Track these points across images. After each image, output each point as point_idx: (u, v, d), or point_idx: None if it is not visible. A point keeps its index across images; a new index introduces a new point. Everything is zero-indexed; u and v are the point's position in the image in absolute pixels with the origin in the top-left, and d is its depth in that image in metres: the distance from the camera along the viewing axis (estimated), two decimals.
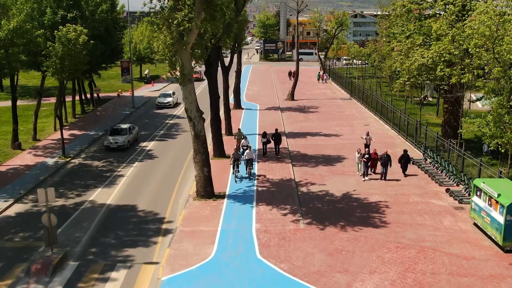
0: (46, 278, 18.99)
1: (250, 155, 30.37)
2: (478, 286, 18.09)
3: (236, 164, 29.97)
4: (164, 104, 56.43)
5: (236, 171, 29.97)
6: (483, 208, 22.13)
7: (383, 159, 29.73)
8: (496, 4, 17.07)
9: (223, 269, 19.38)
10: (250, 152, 30.48)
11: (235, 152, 30.35)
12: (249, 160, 30.29)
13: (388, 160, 29.74)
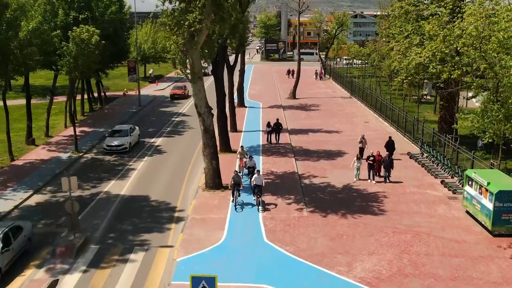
0: (70, 259, 20.62)
1: (258, 180, 25.74)
2: (468, 266, 19.71)
3: (237, 189, 25.72)
4: None
5: (237, 197, 25.89)
6: (474, 196, 23.76)
7: (386, 161, 30.02)
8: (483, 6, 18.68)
9: (233, 251, 20.99)
10: (259, 178, 25.83)
11: (235, 175, 26.11)
12: (257, 186, 25.73)
13: (391, 162, 30.04)
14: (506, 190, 21.91)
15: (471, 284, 18.37)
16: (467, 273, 19.19)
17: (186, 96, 62.54)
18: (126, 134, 37.78)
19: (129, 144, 37.31)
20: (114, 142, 36.92)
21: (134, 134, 39.00)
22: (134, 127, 40.21)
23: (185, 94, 63.07)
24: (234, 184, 25.75)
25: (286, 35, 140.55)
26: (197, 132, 42.41)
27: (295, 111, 54.04)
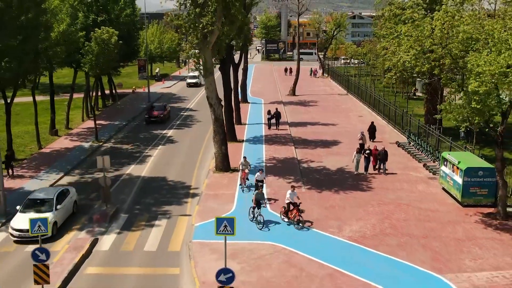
0: (105, 224, 24.53)
1: (293, 196, 24.62)
2: (438, 228, 23.64)
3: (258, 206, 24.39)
4: None
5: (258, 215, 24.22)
6: (448, 174, 27.69)
7: (381, 154, 32.13)
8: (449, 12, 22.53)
9: (241, 218, 24.81)
10: (294, 193, 24.71)
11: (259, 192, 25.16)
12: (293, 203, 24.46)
13: (386, 155, 32.54)
14: (473, 167, 25.85)
15: (439, 241, 22.28)
16: (437, 233, 23.12)
17: (164, 119, 48.57)
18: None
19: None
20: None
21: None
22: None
23: (164, 116, 48.74)
24: (256, 201, 24.38)
25: (286, 36, 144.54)
26: (204, 124, 46.72)
27: (294, 106, 57.97)
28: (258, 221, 23.96)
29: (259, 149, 38.21)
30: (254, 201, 24.43)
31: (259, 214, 24.06)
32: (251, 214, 24.64)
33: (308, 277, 19.33)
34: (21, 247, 22.27)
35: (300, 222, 23.92)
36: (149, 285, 19.17)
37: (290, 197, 24.58)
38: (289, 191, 24.73)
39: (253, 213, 24.52)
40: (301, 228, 23.64)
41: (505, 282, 18.76)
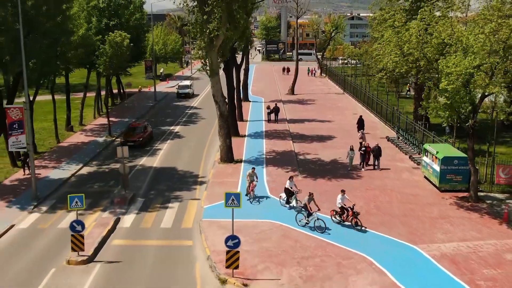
0: (125, 206, 27.91)
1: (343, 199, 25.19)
2: (417, 209, 27.04)
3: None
4: None
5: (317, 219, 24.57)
6: (428, 163, 31.09)
7: (375, 150, 34.33)
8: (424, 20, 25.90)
9: (245, 201, 28.18)
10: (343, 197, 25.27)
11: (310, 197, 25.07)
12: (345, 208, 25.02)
13: (379, 152, 35.00)
14: (449, 156, 29.28)
15: (417, 219, 25.67)
16: (416, 213, 26.52)
17: (144, 143, 41.30)
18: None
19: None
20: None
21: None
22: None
23: (144, 140, 41.45)
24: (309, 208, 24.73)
25: (286, 37, 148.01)
26: (209, 121, 50.16)
27: (293, 104, 61.39)
28: (316, 227, 24.27)
29: (260, 143, 41.62)
30: (308, 207, 24.51)
31: (317, 219, 24.35)
32: (303, 221, 24.77)
33: (302, 247, 22.73)
34: (54, 224, 25.70)
35: (357, 224, 24.35)
36: (167, 254, 22.54)
37: (341, 201, 24.98)
38: (340, 196, 25.17)
39: (307, 219, 24.76)
40: (360, 229, 24.12)
41: (467, 250, 22.17)
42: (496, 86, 23.72)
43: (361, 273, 20.43)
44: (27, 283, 19.91)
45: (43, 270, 20.90)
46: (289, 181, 27.56)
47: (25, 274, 20.69)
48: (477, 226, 24.88)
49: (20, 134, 28.45)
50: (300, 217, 25.03)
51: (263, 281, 19.87)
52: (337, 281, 19.86)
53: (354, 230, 24.42)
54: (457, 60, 23.34)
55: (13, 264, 21.56)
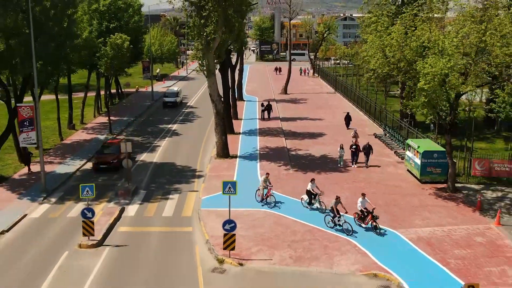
0: (129, 197, 30.04)
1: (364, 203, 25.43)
2: (399, 199, 29.32)
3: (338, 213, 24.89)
4: None
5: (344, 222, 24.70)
6: (411, 157, 33.40)
7: (366, 148, 35.94)
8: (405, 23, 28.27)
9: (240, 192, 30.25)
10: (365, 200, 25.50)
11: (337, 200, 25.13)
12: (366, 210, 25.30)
13: (370, 149, 36.90)
14: (429, 150, 31.58)
15: (398, 208, 27.92)
16: (398, 202, 28.81)
17: (118, 165, 35.11)
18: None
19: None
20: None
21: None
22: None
23: (119, 162, 35.12)
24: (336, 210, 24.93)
25: (279, 37, 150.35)
26: (204, 120, 52.38)
27: (286, 103, 63.65)
28: (345, 229, 24.53)
29: (254, 140, 43.84)
30: (335, 209, 24.86)
31: (344, 222, 24.63)
32: (331, 223, 25.13)
33: (292, 232, 24.96)
34: (64, 214, 27.82)
35: (376, 228, 24.69)
36: (169, 238, 24.71)
37: (361, 204, 25.28)
38: (360, 199, 25.42)
39: (333, 221, 24.95)
40: (379, 233, 24.45)
41: (442, 234, 24.46)
42: (468, 85, 26.02)
43: (345, 254, 22.67)
44: (43, 264, 22.01)
45: (57, 253, 23.03)
46: (310, 183, 27.97)
47: (41, 256, 22.81)
48: (453, 213, 27.19)
49: (31, 130, 30.56)
50: (328, 219, 25.45)
51: (257, 261, 22.08)
52: (323, 261, 22.10)
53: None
54: (433, 62, 25.63)
55: (29, 248, 23.67)
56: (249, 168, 35.41)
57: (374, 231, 24.72)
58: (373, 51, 29.27)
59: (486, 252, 22.62)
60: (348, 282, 20.48)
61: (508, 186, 31.11)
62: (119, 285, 20.41)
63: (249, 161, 37.33)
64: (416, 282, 20.03)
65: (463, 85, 25.99)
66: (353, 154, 36.33)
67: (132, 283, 20.48)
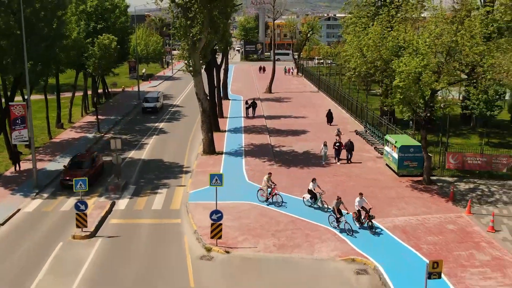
0: (119, 192, 31.18)
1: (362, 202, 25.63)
2: (377, 191, 30.86)
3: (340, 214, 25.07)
4: None
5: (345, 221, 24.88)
6: (389, 152, 34.99)
7: (348, 145, 37.19)
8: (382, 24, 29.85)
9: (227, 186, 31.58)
10: (362, 200, 25.66)
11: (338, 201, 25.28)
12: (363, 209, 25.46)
13: (352, 146, 38.26)
14: (406, 145, 33.19)
15: (376, 199, 29.38)
16: (376, 194, 30.32)
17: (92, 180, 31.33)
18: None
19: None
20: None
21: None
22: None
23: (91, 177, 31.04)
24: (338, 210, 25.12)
25: (264, 37, 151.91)
26: (191, 118, 53.59)
27: (270, 102, 65.09)
28: (346, 229, 24.77)
29: (239, 137, 45.19)
30: (336, 210, 25.00)
31: (345, 222, 24.83)
32: (335, 223, 25.33)
33: (276, 222, 26.35)
34: (57, 208, 28.89)
35: (372, 227, 24.99)
36: (159, 229, 25.94)
37: (358, 204, 25.49)
38: (358, 198, 25.52)
39: (337, 222, 25.14)
40: (374, 232, 24.71)
41: (416, 222, 26.05)
42: (441, 83, 27.63)
43: (326, 241, 24.12)
44: (38, 255, 23.11)
45: (51, 244, 24.14)
46: (312, 183, 28.31)
47: (36, 247, 23.90)
48: (427, 204, 28.80)
49: (23, 128, 31.56)
50: (332, 219, 25.63)
51: (242, 249, 23.43)
52: (305, 248, 23.51)
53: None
54: (407, 61, 27.22)
55: (24, 240, 24.74)
56: (235, 164, 36.74)
57: (370, 230, 24.94)
58: (352, 50, 30.77)
59: (456, 238, 24.23)
60: (328, 267, 21.91)
61: (479, 178, 32.87)
62: (112, 273, 21.60)
63: (235, 157, 38.65)
64: (390, 265, 21.51)
65: (436, 83, 27.58)
66: (336, 151, 37.62)
67: (124, 271, 21.68)
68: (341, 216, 25.02)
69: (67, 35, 39.51)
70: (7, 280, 20.96)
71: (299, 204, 28.76)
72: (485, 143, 41.47)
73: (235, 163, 36.94)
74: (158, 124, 52.43)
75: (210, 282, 20.74)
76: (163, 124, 52.24)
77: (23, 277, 21.15)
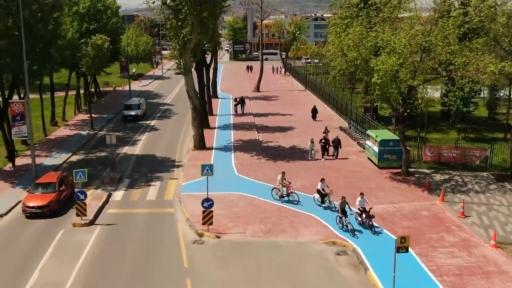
0: (114, 184, 32.89)
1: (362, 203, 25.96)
2: (359, 182, 32.85)
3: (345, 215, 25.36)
4: None
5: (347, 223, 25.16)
6: (370, 146, 37.03)
7: (335, 142, 38.77)
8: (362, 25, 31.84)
9: (217, 178, 33.41)
10: (363, 200, 26.02)
11: (342, 201, 25.56)
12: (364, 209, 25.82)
13: (339, 143, 40.04)
14: (385, 139, 35.23)
15: (357, 189, 31.11)
16: (357, 185, 32.30)
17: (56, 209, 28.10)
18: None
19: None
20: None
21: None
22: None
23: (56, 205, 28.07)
24: (341, 210, 25.40)
25: (252, 37, 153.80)
26: (181, 116, 55.34)
27: (258, 101, 67.00)
28: (349, 230, 25.01)
29: (229, 134, 47.05)
30: (340, 210, 25.34)
31: (348, 223, 25.12)
32: (339, 223, 25.55)
33: (263, 210, 28.24)
34: None
35: (372, 227, 25.28)
36: (154, 218, 27.70)
37: (359, 203, 25.93)
38: (359, 198, 26.02)
39: (341, 222, 25.39)
40: (374, 232, 25.00)
41: (393, 210, 28.08)
42: (415, 80, 29.70)
43: (309, 227, 26.05)
44: (42, 240, 24.81)
45: (53, 231, 25.85)
46: (320, 183, 28.61)
47: (39, 234, 25.59)
48: (404, 193, 30.85)
49: (22, 125, 33.18)
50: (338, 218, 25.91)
51: (232, 234, 25.29)
52: (290, 233, 25.42)
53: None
54: (385, 59, 29.25)
55: (27, 228, 26.41)
56: (224, 158, 38.60)
57: (370, 229, 25.24)
58: (333, 50, 32.76)
59: (429, 223, 26.29)
60: (310, 249, 23.81)
61: (454, 170, 34.98)
62: (112, 255, 23.34)
63: (224, 152, 40.50)
64: (367, 247, 23.48)
65: (412, 80, 29.63)
66: (323, 148, 39.20)
67: (123, 254, 23.43)
68: (344, 216, 25.20)
69: (63, 35, 41.07)
70: (16, 262, 22.64)
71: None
72: (462, 138, 43.71)
73: (224, 158, 38.79)
74: (150, 121, 54.12)
75: (202, 263, 22.56)
76: (154, 122, 53.94)
77: (30, 258, 22.86)
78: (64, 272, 21.62)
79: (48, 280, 21.05)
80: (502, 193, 30.82)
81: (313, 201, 29.23)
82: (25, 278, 21.22)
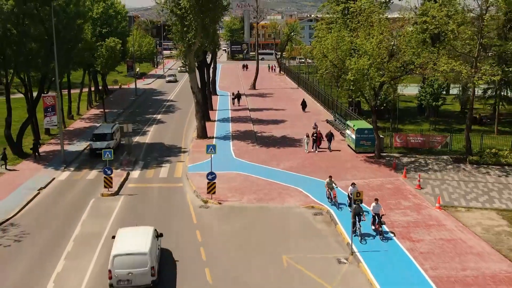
0: (131, 166, 38.91)
1: (377, 209, 25.95)
2: (337, 164, 38.94)
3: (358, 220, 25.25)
4: None
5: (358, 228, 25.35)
6: (349, 135, 43.15)
7: (328, 136, 42.92)
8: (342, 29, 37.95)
9: (218, 161, 39.43)
10: (378, 206, 25.98)
11: (357, 206, 24.96)
12: (377, 215, 25.96)
13: (331, 137, 45.04)
14: (361, 128, 41.34)
15: (336, 169, 37.40)
16: (336, 166, 38.40)
17: None
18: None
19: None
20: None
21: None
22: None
23: None
24: (355, 215, 24.89)
25: (249, 37, 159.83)
26: (184, 111, 61.39)
27: (254, 97, 73.08)
28: (361, 235, 25.37)
29: (227, 125, 53.13)
30: (353, 214, 24.79)
31: (359, 228, 25.35)
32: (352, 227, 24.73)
33: (257, 184, 34.31)
34: (84, 177, 36.60)
35: (381, 233, 25.49)
36: (167, 190, 33.74)
37: (373, 210, 26.01)
38: (373, 204, 26.04)
39: (354, 226, 24.92)
40: (383, 238, 25.29)
41: (363, 183, 34.10)
42: (383, 78, 35.80)
43: (293, 196, 32.14)
44: (78, 206, 30.82)
45: (86, 199, 31.89)
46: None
47: (75, 201, 31.64)
48: (374, 171, 36.96)
49: (53, 115, 39.18)
50: None
51: (231, 201, 31.35)
52: (278, 200, 31.50)
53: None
54: (357, 60, 35.35)
55: (64, 198, 32.43)
56: (224, 145, 44.65)
57: (379, 235, 25.68)
58: (315, 52, 38.87)
59: (390, 193, 32.40)
60: (293, 212, 29.88)
61: (420, 154, 41.06)
62: (137, 215, 29.34)
63: (224, 140, 46.57)
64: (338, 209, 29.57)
65: (379, 77, 35.73)
66: (314, 141, 43.80)
67: (144, 217, 29.40)
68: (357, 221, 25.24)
69: (85, 39, 47.12)
70: (59, 220, 28.70)
71: (273, 172, 36.72)
72: (432, 128, 49.83)
73: (224, 145, 44.85)
74: (156, 115, 60.19)
75: (208, 220, 28.64)
76: (160, 116, 60.00)
77: (70, 218, 28.94)
78: (100, 227, 27.69)
79: (89, 231, 27.15)
80: (456, 171, 36.93)
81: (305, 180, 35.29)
82: (70, 230, 27.30)
